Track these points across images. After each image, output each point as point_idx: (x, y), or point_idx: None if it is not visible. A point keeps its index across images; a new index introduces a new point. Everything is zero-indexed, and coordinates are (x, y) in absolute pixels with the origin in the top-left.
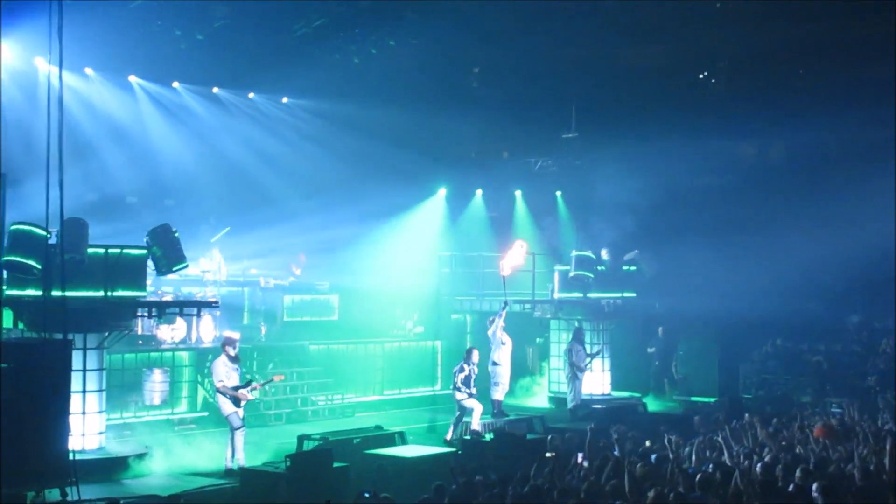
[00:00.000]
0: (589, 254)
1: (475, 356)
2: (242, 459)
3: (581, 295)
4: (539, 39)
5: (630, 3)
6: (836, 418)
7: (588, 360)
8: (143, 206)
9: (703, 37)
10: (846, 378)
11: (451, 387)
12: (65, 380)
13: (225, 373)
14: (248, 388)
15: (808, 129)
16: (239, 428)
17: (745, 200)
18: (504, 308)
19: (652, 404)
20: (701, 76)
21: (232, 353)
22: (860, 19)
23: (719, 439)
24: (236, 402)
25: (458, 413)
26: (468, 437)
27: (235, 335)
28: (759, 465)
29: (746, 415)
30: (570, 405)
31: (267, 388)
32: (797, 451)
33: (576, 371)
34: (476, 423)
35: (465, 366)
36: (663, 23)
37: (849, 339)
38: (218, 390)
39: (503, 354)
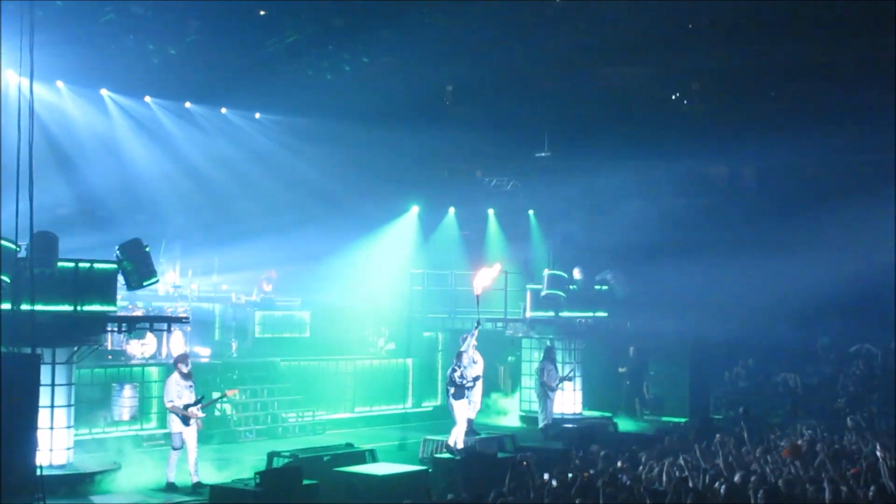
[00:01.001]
0: (561, 273)
1: (465, 358)
2: (172, 477)
3: (553, 314)
4: (513, 59)
5: (604, 24)
6: (804, 439)
7: (559, 380)
8: (115, 221)
9: (675, 58)
10: (816, 400)
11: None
12: (33, 394)
13: (176, 392)
14: (199, 406)
15: (779, 152)
16: (178, 449)
17: (718, 222)
18: (476, 327)
19: (623, 424)
20: (673, 97)
21: (184, 370)
22: (833, 43)
23: (681, 461)
24: (185, 421)
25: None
26: (440, 455)
27: (187, 350)
28: (723, 486)
29: (718, 435)
30: (541, 424)
31: (219, 404)
32: (765, 471)
33: (547, 390)
34: (452, 438)
35: (457, 367)
36: (636, 44)
37: (819, 361)
38: (168, 409)
39: (475, 373)
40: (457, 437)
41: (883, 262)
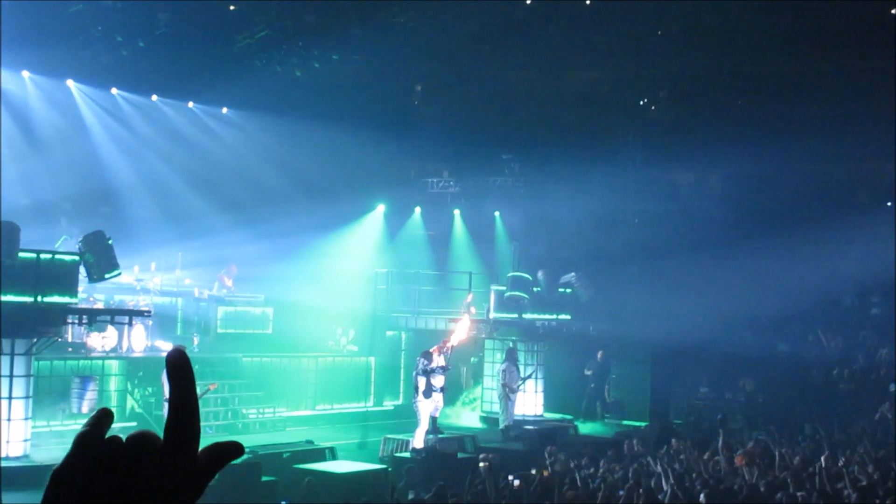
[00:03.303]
0: (525, 275)
1: (434, 360)
2: None
3: (516, 316)
4: (482, 60)
5: (574, 27)
6: (759, 446)
7: (521, 381)
8: (78, 213)
9: (644, 64)
10: (775, 406)
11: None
12: None
13: (167, 384)
14: None
15: (746, 161)
16: None
17: (683, 228)
18: (443, 373)
19: (583, 427)
20: (641, 103)
21: None
22: (801, 52)
23: (636, 465)
24: None
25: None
26: (400, 454)
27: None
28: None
29: (673, 440)
30: (501, 425)
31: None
32: (717, 476)
33: (508, 392)
34: (418, 440)
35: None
36: (606, 48)
37: (778, 368)
38: (166, 401)
39: (441, 379)
40: (419, 437)
41: (847, 272)
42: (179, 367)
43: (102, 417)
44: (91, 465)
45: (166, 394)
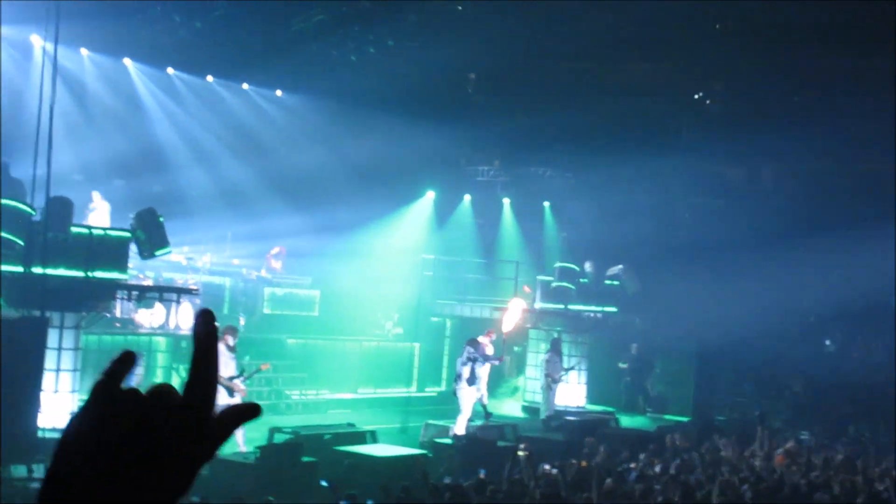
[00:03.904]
0: (572, 266)
1: (481, 349)
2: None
3: (562, 306)
4: (537, 50)
5: (630, 19)
6: (801, 446)
7: (564, 372)
8: (131, 190)
9: (700, 57)
10: (819, 406)
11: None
12: (39, 357)
13: (223, 362)
14: (243, 378)
15: (799, 157)
16: None
17: (732, 224)
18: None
19: (624, 420)
20: (696, 97)
21: (231, 342)
22: (857, 50)
23: (678, 460)
24: (230, 392)
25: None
26: (440, 440)
27: (237, 325)
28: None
29: (716, 436)
30: (543, 415)
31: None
32: (760, 474)
33: (550, 382)
34: (460, 426)
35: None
36: (662, 41)
37: (824, 367)
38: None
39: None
40: (461, 424)
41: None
42: (204, 325)
43: (122, 362)
44: (106, 415)
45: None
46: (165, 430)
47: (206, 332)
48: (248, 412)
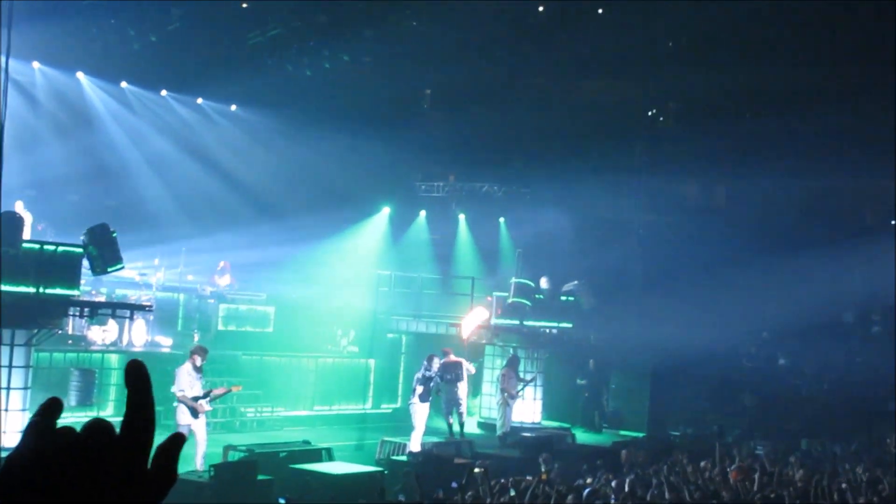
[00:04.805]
0: (528, 282)
1: (435, 364)
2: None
3: (518, 322)
4: (493, 66)
5: (585, 37)
6: (755, 461)
7: (521, 386)
8: (84, 205)
9: (654, 75)
10: (773, 421)
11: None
12: None
13: (188, 382)
14: (208, 399)
15: (753, 175)
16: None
17: (687, 240)
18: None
19: (580, 436)
20: (650, 113)
21: (199, 363)
22: (808, 69)
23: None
24: (194, 413)
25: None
26: (396, 457)
27: (206, 346)
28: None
29: (673, 452)
30: (499, 432)
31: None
32: (717, 489)
33: (507, 398)
34: (414, 443)
35: (428, 370)
36: (617, 58)
37: (778, 383)
38: (178, 399)
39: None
40: (415, 441)
41: (849, 289)
42: (137, 373)
43: (51, 407)
44: (45, 455)
45: (177, 391)
46: (101, 468)
47: (140, 376)
48: (173, 446)
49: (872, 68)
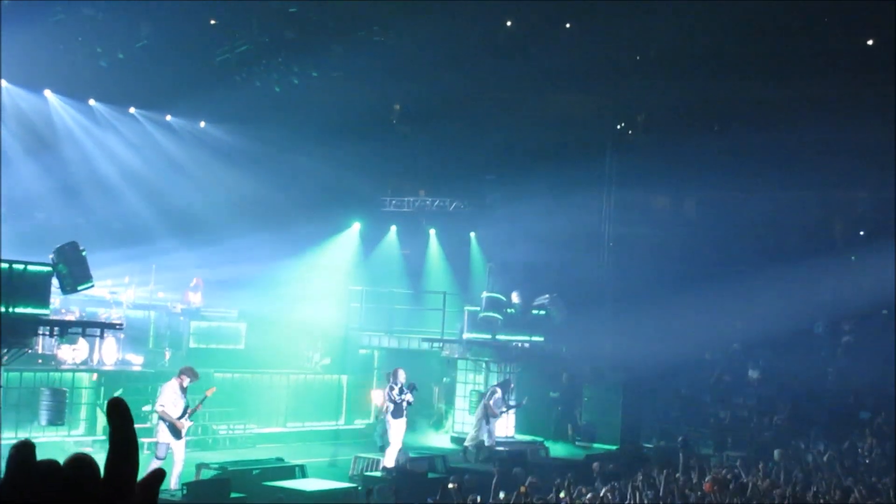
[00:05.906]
0: (499, 296)
1: (401, 376)
2: None
3: (489, 336)
4: (462, 81)
5: (553, 50)
6: (728, 472)
7: (504, 410)
8: (54, 223)
9: (622, 88)
10: (745, 432)
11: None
12: None
13: (172, 400)
14: (187, 416)
15: (719, 186)
16: (161, 459)
17: (657, 253)
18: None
19: (554, 449)
20: (619, 126)
21: (186, 383)
22: (777, 80)
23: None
24: (176, 433)
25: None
26: (370, 473)
27: (195, 367)
28: None
29: (645, 464)
30: (467, 441)
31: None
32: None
33: (489, 416)
34: (388, 459)
35: (393, 386)
36: (585, 72)
37: (749, 394)
38: (160, 416)
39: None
40: (390, 457)
41: (819, 300)
42: (117, 410)
43: (26, 447)
44: (29, 489)
45: (158, 405)
46: (86, 502)
47: (121, 410)
48: (155, 481)
49: (841, 81)
